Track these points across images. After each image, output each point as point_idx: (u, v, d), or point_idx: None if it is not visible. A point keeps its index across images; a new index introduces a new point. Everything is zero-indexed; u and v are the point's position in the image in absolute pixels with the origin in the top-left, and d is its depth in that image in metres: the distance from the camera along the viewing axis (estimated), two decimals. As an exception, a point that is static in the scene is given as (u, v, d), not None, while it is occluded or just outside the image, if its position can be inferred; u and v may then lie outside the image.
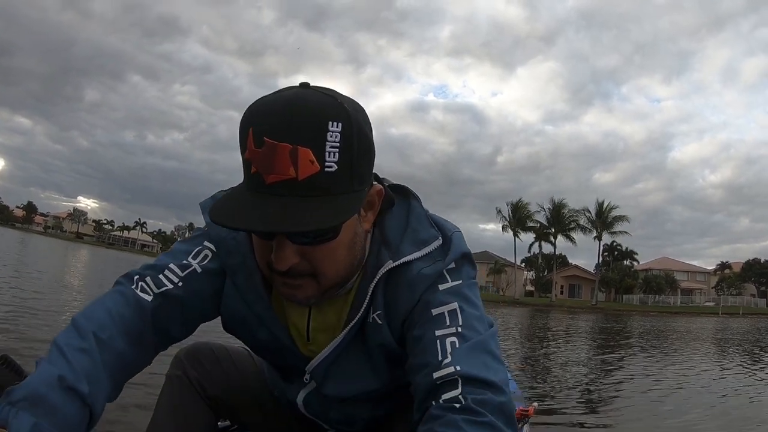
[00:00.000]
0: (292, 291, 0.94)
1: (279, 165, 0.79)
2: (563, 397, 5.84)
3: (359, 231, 0.95)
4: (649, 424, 4.98)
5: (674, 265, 79.48)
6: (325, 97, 0.84)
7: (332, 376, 1.12)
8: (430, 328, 0.96)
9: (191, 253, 1.08)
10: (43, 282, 11.88)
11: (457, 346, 0.92)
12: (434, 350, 0.93)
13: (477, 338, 0.94)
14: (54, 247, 43.42)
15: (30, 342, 5.07)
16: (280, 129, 0.80)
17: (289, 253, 0.87)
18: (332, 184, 0.82)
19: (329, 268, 0.92)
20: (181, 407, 1.26)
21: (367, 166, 0.89)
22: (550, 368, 8.31)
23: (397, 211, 1.06)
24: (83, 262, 26.04)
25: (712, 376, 8.48)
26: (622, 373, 8.35)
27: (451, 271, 1.01)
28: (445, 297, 0.98)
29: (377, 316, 1.03)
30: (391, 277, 1.01)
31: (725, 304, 60.91)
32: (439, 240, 1.02)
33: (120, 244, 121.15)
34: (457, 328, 0.95)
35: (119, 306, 0.98)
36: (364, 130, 0.86)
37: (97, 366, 0.88)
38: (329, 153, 0.80)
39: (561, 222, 66.82)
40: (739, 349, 14.41)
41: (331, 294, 0.99)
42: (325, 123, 0.81)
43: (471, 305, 0.99)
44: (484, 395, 0.86)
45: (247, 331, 1.13)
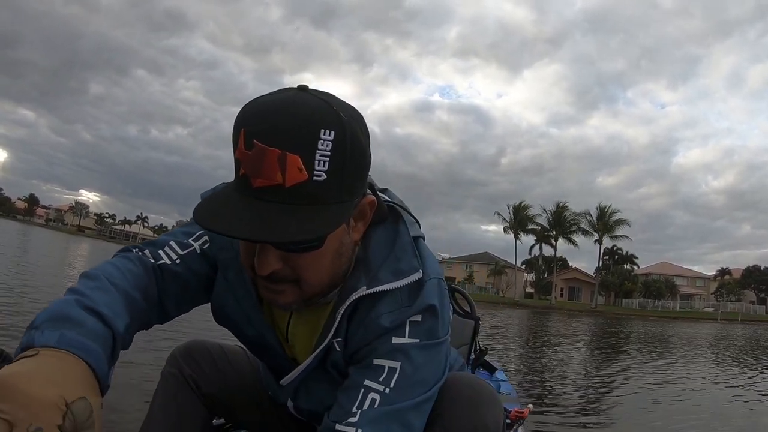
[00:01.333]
0: (274, 296, 0.93)
1: (267, 170, 0.77)
2: (558, 398, 5.84)
3: (346, 241, 0.93)
4: (646, 426, 4.99)
5: (674, 270, 79.44)
6: (321, 103, 0.81)
7: (303, 393, 1.16)
8: (362, 376, 0.95)
9: (192, 235, 1.09)
10: (40, 276, 11.88)
11: (374, 406, 0.91)
12: (353, 398, 0.93)
13: (399, 405, 0.92)
14: (55, 240, 43.37)
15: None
16: (271, 133, 0.78)
17: (271, 259, 0.86)
18: (320, 193, 0.80)
19: (312, 276, 0.90)
20: (176, 405, 1.26)
21: (359, 177, 0.86)
22: (546, 369, 8.30)
23: (384, 234, 1.03)
24: (84, 256, 26.02)
25: (707, 380, 8.48)
26: (618, 376, 8.32)
27: (413, 325, 0.97)
28: (393, 354, 0.95)
29: (337, 343, 1.02)
30: (358, 307, 0.99)
31: (724, 310, 60.82)
32: (419, 274, 0.98)
33: (121, 238, 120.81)
34: (386, 388, 0.93)
35: (125, 262, 0.99)
36: (358, 139, 0.83)
37: (114, 299, 0.87)
38: (319, 162, 0.78)
39: (562, 225, 66.78)
40: (735, 355, 14.40)
41: (314, 302, 0.97)
42: (317, 130, 0.78)
43: (414, 368, 0.95)
44: None
45: (235, 326, 1.14)
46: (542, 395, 5.95)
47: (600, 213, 65.81)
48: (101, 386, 0.73)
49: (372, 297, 0.97)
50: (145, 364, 4.50)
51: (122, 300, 0.89)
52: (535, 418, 4.49)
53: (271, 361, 1.20)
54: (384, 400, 0.91)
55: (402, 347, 0.95)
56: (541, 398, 5.71)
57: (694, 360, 12.26)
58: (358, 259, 1.00)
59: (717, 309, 62.20)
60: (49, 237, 49.27)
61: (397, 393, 0.92)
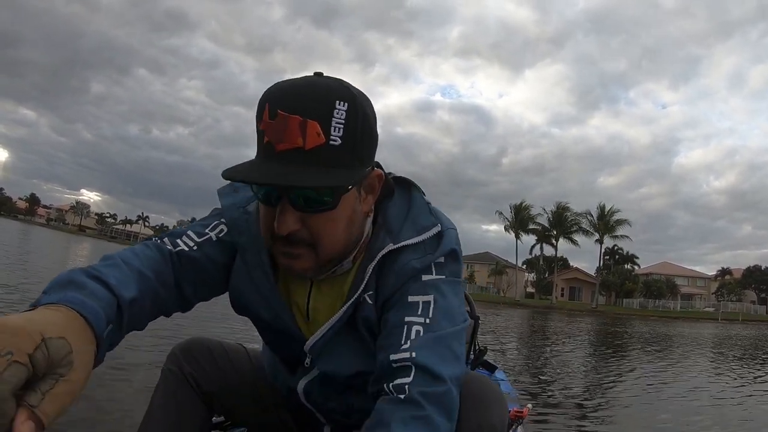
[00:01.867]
0: (291, 261, 0.99)
1: (289, 135, 0.88)
2: (558, 398, 5.86)
3: (358, 209, 1.02)
4: (650, 428, 4.99)
5: (675, 270, 79.45)
6: (335, 81, 0.94)
7: (328, 353, 1.16)
8: (402, 314, 1.03)
9: (208, 226, 1.16)
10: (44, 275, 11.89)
11: (420, 335, 0.99)
12: (399, 334, 1.00)
13: (441, 332, 1.00)
14: (57, 240, 43.37)
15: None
16: (293, 103, 0.88)
17: (290, 218, 0.93)
18: (335, 156, 0.90)
19: (327, 239, 0.97)
20: (176, 402, 1.27)
21: (368, 149, 0.97)
22: (546, 369, 8.30)
23: (399, 200, 1.14)
24: (86, 256, 26.02)
25: (706, 380, 8.49)
26: (619, 376, 8.33)
27: (438, 265, 1.08)
28: (424, 288, 1.05)
29: (368, 296, 1.09)
30: (385, 261, 1.07)
31: (725, 310, 60.79)
32: (438, 227, 1.10)
33: (122, 238, 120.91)
34: (426, 319, 1.01)
35: (142, 248, 1.05)
36: (368, 115, 0.94)
37: (124, 273, 0.93)
38: (334, 128, 0.89)
39: (563, 225, 66.77)
40: (738, 355, 14.40)
41: (328, 269, 1.05)
42: (333, 101, 0.89)
43: (446, 300, 1.05)
44: (429, 387, 0.92)
45: (252, 309, 1.18)
46: (542, 395, 5.97)
47: (600, 213, 65.82)
48: (98, 341, 0.78)
49: (398, 251, 1.07)
50: (144, 363, 4.53)
51: (133, 276, 0.94)
52: (534, 418, 4.51)
53: (286, 348, 1.21)
54: (426, 329, 1.00)
55: (432, 282, 1.06)
56: (541, 398, 5.73)
57: (698, 360, 12.25)
58: (379, 224, 1.10)
59: (718, 309, 62.22)
60: (51, 237, 49.27)
61: (436, 322, 1.01)
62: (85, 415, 3.15)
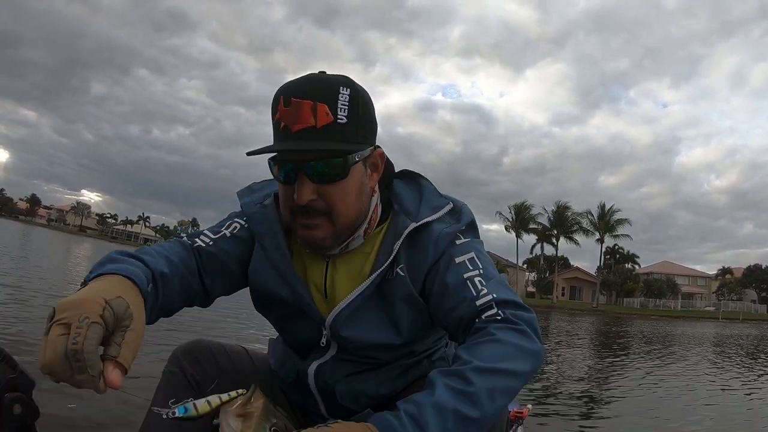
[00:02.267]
0: (311, 232, 1.12)
1: (303, 117, 1.04)
2: (558, 398, 5.89)
3: (365, 183, 1.16)
4: (649, 426, 5.01)
5: (675, 269, 79.52)
6: (338, 75, 1.10)
7: (352, 322, 1.21)
8: (459, 273, 1.14)
9: (223, 225, 1.30)
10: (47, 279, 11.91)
11: (485, 283, 1.11)
12: (468, 288, 1.11)
13: (497, 277, 1.14)
14: (58, 241, 43.39)
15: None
16: (304, 91, 1.05)
17: (307, 190, 1.07)
18: (342, 132, 1.06)
19: (341, 207, 1.11)
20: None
21: (369, 128, 1.13)
22: (545, 369, 8.28)
23: (410, 189, 1.29)
24: (87, 256, 26.05)
25: (707, 381, 8.51)
26: (619, 376, 8.39)
27: (464, 232, 1.21)
28: (463, 249, 1.18)
29: (400, 269, 1.18)
30: (413, 237, 1.19)
31: (725, 309, 60.82)
32: (450, 205, 1.24)
33: (123, 238, 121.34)
34: (478, 270, 1.14)
35: (167, 243, 1.21)
36: (367, 101, 1.11)
37: (154, 256, 1.10)
38: (340, 108, 1.05)
39: (563, 224, 66.82)
40: (737, 353, 14.42)
41: (343, 239, 1.17)
42: (337, 87, 1.06)
43: (483, 255, 1.19)
44: (517, 312, 1.06)
45: (270, 289, 1.25)
46: (541, 396, 5.99)
47: (601, 212, 65.87)
48: (144, 296, 0.95)
49: (425, 227, 1.19)
50: (144, 363, 4.55)
51: (162, 259, 1.11)
52: (534, 419, 4.55)
53: (303, 329, 1.27)
54: (484, 277, 1.13)
55: (466, 243, 1.20)
56: (541, 398, 5.77)
57: (699, 359, 12.26)
58: (396, 210, 1.24)
59: (718, 308, 62.28)
60: (52, 237, 49.35)
61: (487, 270, 1.14)
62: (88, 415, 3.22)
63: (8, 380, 1.04)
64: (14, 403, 1.03)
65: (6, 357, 1.01)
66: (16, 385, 1.05)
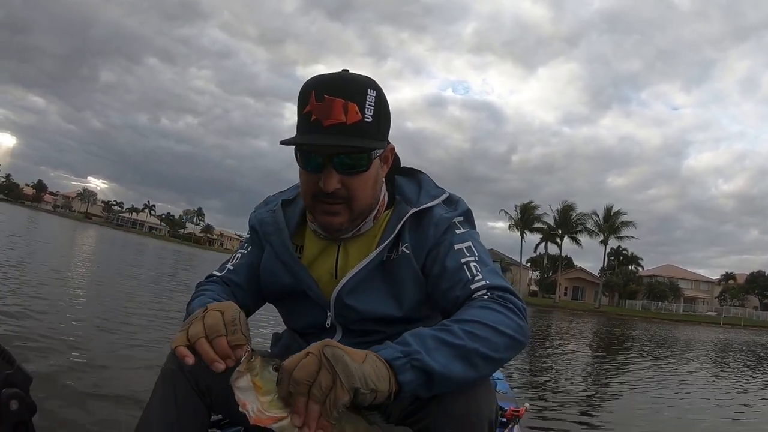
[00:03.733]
0: (331, 217, 1.26)
1: (334, 113, 1.15)
2: (555, 397, 5.89)
3: (380, 174, 1.30)
4: (645, 428, 5.06)
5: (678, 272, 79.22)
6: (363, 76, 1.23)
7: (356, 293, 1.33)
8: (456, 258, 1.26)
9: (240, 249, 1.51)
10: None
11: (480, 269, 1.22)
12: (464, 272, 1.23)
13: (491, 265, 1.25)
14: (65, 227, 43.44)
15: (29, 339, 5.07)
16: (336, 89, 1.16)
17: (333, 179, 1.20)
18: (367, 129, 1.18)
19: (360, 196, 1.25)
20: (174, 400, 1.29)
21: (387, 126, 1.27)
22: (544, 369, 8.31)
23: (411, 182, 1.43)
24: (92, 244, 26.02)
25: (704, 384, 8.52)
26: (618, 377, 8.39)
27: (461, 222, 1.34)
28: (462, 237, 1.30)
29: (405, 248, 1.31)
30: (415, 220, 1.32)
31: (727, 315, 60.68)
32: (447, 194, 1.38)
33: (128, 226, 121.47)
34: (475, 257, 1.26)
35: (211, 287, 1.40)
36: (386, 101, 1.25)
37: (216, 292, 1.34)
38: (368, 108, 1.18)
39: (568, 224, 66.71)
40: (739, 359, 14.42)
41: (357, 224, 1.31)
42: (365, 89, 1.19)
43: (479, 244, 1.30)
44: (506, 295, 1.15)
45: (277, 278, 1.40)
46: (538, 395, 6.01)
47: (606, 214, 65.75)
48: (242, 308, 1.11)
49: (426, 211, 1.33)
50: (144, 359, 4.62)
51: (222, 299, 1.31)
52: (531, 418, 4.54)
53: (309, 312, 1.39)
54: (479, 264, 1.24)
55: (465, 233, 1.31)
56: (536, 398, 5.78)
57: (696, 363, 12.27)
58: (398, 200, 1.38)
59: (720, 313, 62.13)
60: (59, 223, 49.37)
61: (483, 259, 1.26)
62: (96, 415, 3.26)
63: (5, 376, 1.06)
64: (11, 399, 1.06)
65: (4, 353, 1.02)
66: (13, 381, 1.07)
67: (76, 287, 9.02)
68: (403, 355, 0.97)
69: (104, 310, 6.88)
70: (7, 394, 1.00)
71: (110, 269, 14.49)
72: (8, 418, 0.99)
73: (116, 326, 5.98)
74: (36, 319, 5.46)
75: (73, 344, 4.69)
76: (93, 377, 3.83)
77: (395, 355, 0.97)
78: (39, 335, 4.74)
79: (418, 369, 0.97)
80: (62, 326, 5.39)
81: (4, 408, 0.98)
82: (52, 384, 3.46)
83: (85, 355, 4.41)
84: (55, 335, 4.87)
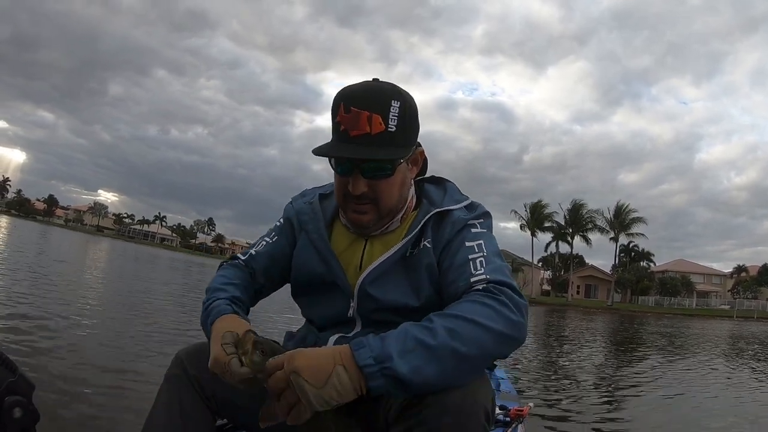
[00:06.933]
0: (359, 216, 1.37)
1: (360, 125, 1.25)
2: (559, 397, 5.88)
3: (407, 176, 1.41)
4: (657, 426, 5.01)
5: (690, 267, 78.60)
6: (389, 85, 1.33)
7: (378, 282, 1.38)
8: (465, 254, 1.30)
9: (266, 236, 1.58)
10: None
11: (484, 265, 1.26)
12: (469, 267, 1.27)
13: (498, 263, 1.28)
14: (79, 241, 43.66)
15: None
16: (362, 102, 1.26)
17: (361, 183, 1.31)
18: (391, 139, 1.27)
19: (386, 197, 1.35)
20: (179, 406, 1.30)
21: (414, 133, 1.36)
22: (551, 367, 8.31)
23: (438, 188, 1.52)
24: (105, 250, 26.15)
25: (721, 381, 8.49)
26: (625, 375, 8.35)
27: (481, 223, 1.40)
28: (475, 236, 1.35)
29: (427, 242, 1.38)
30: (437, 219, 1.40)
31: (740, 308, 60.22)
32: (469, 200, 1.46)
33: (140, 238, 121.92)
34: (482, 254, 1.29)
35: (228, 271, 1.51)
36: (413, 108, 1.33)
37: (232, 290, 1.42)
38: (391, 119, 1.27)
39: (578, 222, 66.45)
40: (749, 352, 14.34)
41: (385, 222, 1.41)
42: (389, 101, 1.28)
43: (491, 243, 1.35)
44: (504, 289, 1.17)
45: (309, 266, 1.46)
46: (542, 395, 5.99)
47: (617, 211, 65.48)
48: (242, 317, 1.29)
49: (447, 212, 1.40)
50: (146, 362, 4.64)
51: (232, 287, 1.44)
52: (539, 419, 4.57)
53: (333, 303, 1.43)
54: (486, 261, 1.28)
55: (479, 232, 1.37)
56: (540, 397, 5.76)
57: (711, 357, 12.19)
58: (425, 203, 1.47)
59: (733, 307, 61.63)
60: (72, 237, 49.59)
61: (491, 256, 1.29)
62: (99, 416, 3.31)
63: (8, 384, 1.07)
64: (14, 407, 1.06)
65: (6, 361, 1.04)
66: (16, 389, 1.07)
67: (88, 295, 9.06)
68: (375, 362, 1.00)
69: (116, 320, 6.95)
70: (10, 401, 1.01)
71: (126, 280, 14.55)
72: (11, 426, 1.01)
73: (126, 335, 5.99)
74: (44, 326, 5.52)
75: (77, 350, 4.77)
76: (97, 384, 3.87)
77: (367, 362, 1.00)
78: (44, 341, 4.83)
79: (388, 377, 1.00)
80: (70, 334, 5.48)
81: (7, 416, 1.00)
82: (55, 391, 3.52)
83: (89, 361, 4.47)
84: (61, 343, 4.95)
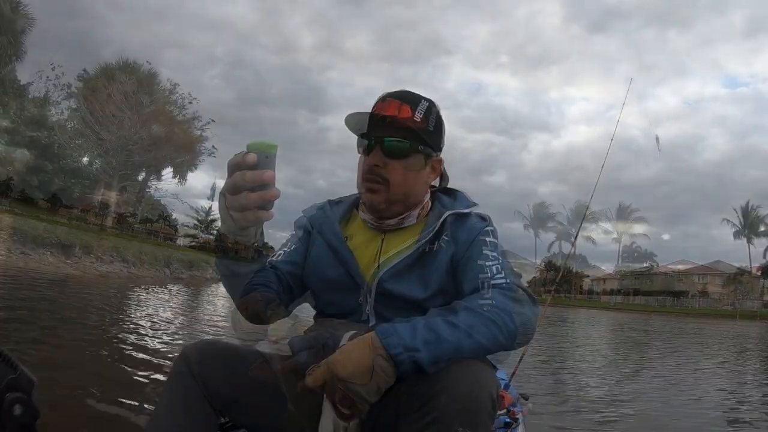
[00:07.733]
0: (372, 194, 1.48)
1: (391, 109, 1.44)
2: (559, 397, 5.92)
3: (422, 174, 1.52)
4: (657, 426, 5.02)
5: (693, 267, 78.42)
6: (420, 95, 1.51)
7: (396, 277, 1.46)
8: (482, 259, 1.42)
9: (285, 246, 1.63)
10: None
11: (499, 270, 1.39)
12: (486, 270, 1.39)
13: (510, 269, 1.41)
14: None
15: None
16: (397, 95, 1.47)
17: (378, 156, 1.45)
18: (413, 127, 1.44)
19: (396, 180, 1.46)
20: (183, 403, 1.30)
21: (437, 136, 1.53)
22: (554, 368, 8.33)
23: (449, 196, 1.63)
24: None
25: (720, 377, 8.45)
26: (626, 376, 8.37)
27: (492, 233, 1.52)
28: (491, 246, 1.47)
29: (444, 240, 1.48)
30: (455, 221, 1.51)
31: (743, 308, 60.05)
32: (478, 206, 1.59)
33: (143, 236, 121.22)
34: (498, 262, 1.42)
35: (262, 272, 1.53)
36: (439, 116, 1.52)
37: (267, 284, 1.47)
38: (418, 112, 1.45)
39: (582, 222, 66.27)
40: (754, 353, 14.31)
41: (396, 212, 1.51)
42: (419, 99, 1.48)
43: (503, 257, 1.46)
44: (518, 289, 1.32)
45: (323, 263, 1.54)
46: (542, 395, 6.01)
47: (620, 211, 65.41)
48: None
49: (463, 217, 1.52)
50: (149, 360, 4.71)
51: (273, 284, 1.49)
52: (538, 419, 4.58)
53: (347, 300, 1.49)
54: (502, 266, 1.40)
55: (494, 243, 1.48)
56: (540, 397, 5.76)
57: (712, 357, 12.18)
58: (438, 207, 1.56)
59: (735, 307, 61.45)
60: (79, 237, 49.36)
61: (505, 265, 1.42)
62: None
63: (9, 381, 1.09)
64: (15, 404, 1.04)
65: (6, 357, 1.09)
66: (16, 385, 1.03)
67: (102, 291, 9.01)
68: (405, 350, 1.11)
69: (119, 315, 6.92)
70: (10, 398, 1.02)
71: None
72: (12, 422, 1.01)
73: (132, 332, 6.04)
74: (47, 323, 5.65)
75: (80, 348, 4.85)
76: (98, 380, 3.91)
77: (397, 351, 1.10)
78: (47, 338, 4.91)
79: (414, 363, 1.11)
80: (75, 331, 5.64)
81: (7, 413, 1.00)
82: (56, 388, 3.56)
83: (90, 358, 4.56)
84: (65, 340, 5.06)
